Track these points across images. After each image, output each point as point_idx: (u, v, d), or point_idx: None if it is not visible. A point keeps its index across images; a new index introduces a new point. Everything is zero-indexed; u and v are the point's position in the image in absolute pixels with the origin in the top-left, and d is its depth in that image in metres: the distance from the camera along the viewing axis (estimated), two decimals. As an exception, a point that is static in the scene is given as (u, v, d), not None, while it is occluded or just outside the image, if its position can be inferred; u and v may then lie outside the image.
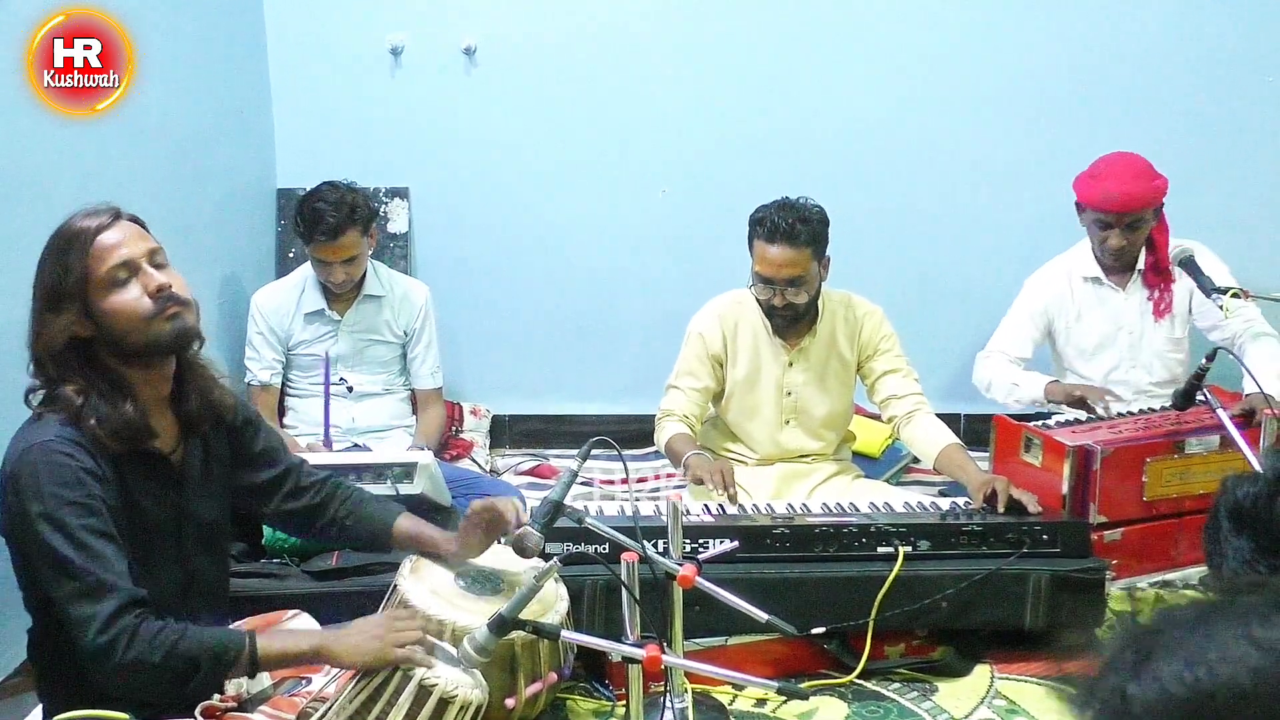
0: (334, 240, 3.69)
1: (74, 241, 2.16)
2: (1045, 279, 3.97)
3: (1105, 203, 3.71)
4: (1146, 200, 3.70)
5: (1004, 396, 3.87)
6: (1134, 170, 3.72)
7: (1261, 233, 4.50)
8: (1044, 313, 3.95)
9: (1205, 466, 3.34)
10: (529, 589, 2.17)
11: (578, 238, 4.66)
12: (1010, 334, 3.96)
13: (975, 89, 4.51)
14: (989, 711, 2.89)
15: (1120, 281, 3.89)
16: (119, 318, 2.16)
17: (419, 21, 4.49)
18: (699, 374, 3.55)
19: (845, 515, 3.16)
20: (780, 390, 3.55)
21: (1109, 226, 3.74)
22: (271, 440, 2.55)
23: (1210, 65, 4.46)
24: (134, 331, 2.16)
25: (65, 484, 2.06)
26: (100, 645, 2.01)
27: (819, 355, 3.54)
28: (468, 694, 2.17)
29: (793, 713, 2.86)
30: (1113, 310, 3.91)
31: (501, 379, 4.75)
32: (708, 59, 4.52)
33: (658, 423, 3.59)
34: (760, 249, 3.37)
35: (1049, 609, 3.00)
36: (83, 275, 2.14)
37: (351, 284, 3.85)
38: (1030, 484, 3.26)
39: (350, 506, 2.59)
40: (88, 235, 2.16)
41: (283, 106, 4.53)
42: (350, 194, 3.74)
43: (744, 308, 3.55)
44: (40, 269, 2.19)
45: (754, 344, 3.54)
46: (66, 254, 2.15)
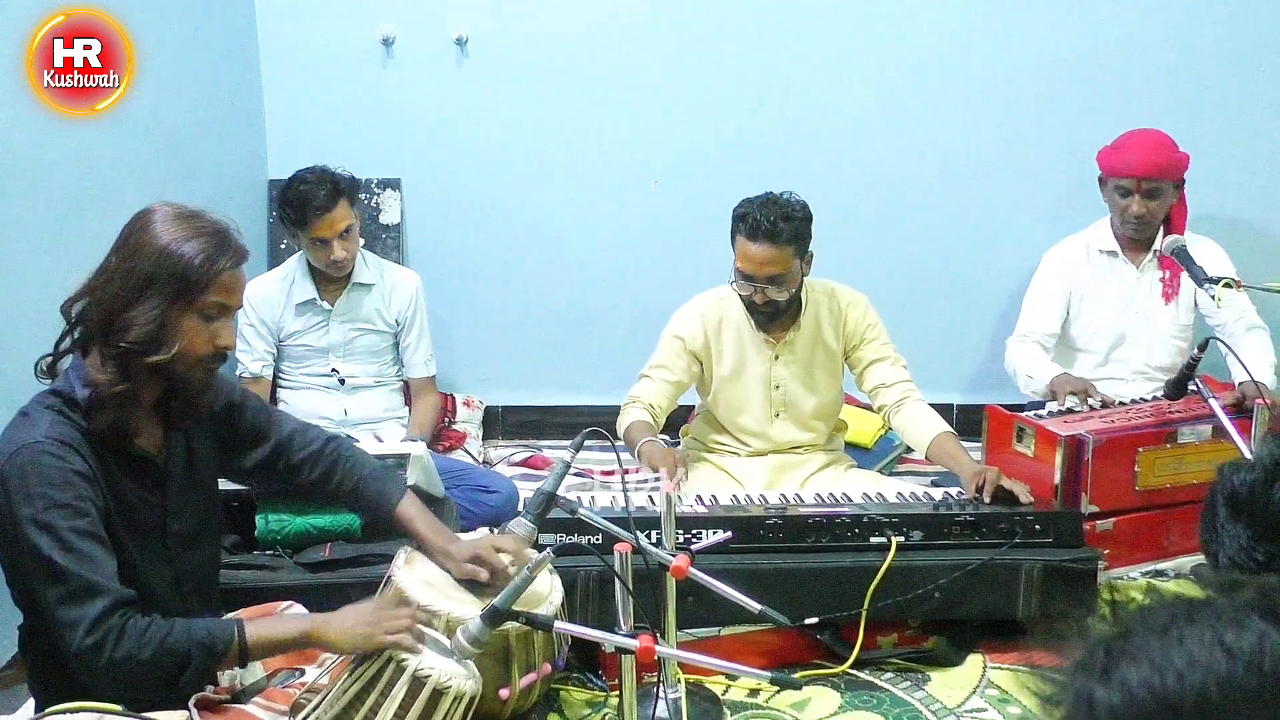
0: (329, 213, 3.67)
1: (224, 249, 2.16)
2: (1063, 252, 4.03)
3: (1126, 167, 3.80)
4: (1165, 168, 3.79)
5: (1023, 386, 3.91)
6: (1155, 140, 3.85)
7: (1256, 224, 4.51)
8: (1065, 286, 3.99)
9: (1198, 456, 3.35)
10: (522, 580, 2.17)
11: (570, 229, 4.65)
12: (1036, 312, 4.00)
13: (967, 81, 4.51)
14: (981, 701, 2.90)
15: (1135, 259, 3.92)
16: (182, 340, 2.14)
17: (410, 12, 4.48)
18: (673, 367, 3.54)
19: (838, 506, 3.16)
20: (768, 384, 3.55)
21: (1129, 193, 3.81)
22: (259, 418, 2.52)
23: (1205, 56, 4.45)
24: (178, 360, 2.15)
25: (54, 485, 2.05)
26: (88, 647, 2.01)
27: (804, 347, 3.54)
28: (461, 685, 2.17)
29: (786, 703, 2.87)
30: (1125, 286, 3.94)
31: (494, 371, 4.75)
32: (699, 50, 4.51)
33: (623, 408, 3.57)
34: (742, 245, 3.34)
35: (1041, 599, 3.01)
36: (203, 286, 2.13)
37: (351, 262, 3.82)
38: (1023, 474, 3.27)
39: (351, 484, 2.57)
40: (233, 256, 2.17)
41: (274, 98, 4.52)
42: (327, 172, 3.73)
43: (727, 304, 3.54)
44: (157, 255, 2.12)
45: (738, 340, 3.53)
46: (190, 262, 2.12)
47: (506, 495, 3.64)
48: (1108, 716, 0.86)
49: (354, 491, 2.58)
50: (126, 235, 2.17)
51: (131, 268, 2.12)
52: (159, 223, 2.14)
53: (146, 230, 2.14)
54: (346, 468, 2.59)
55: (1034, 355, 3.91)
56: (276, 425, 2.55)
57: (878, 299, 3.63)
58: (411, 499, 2.62)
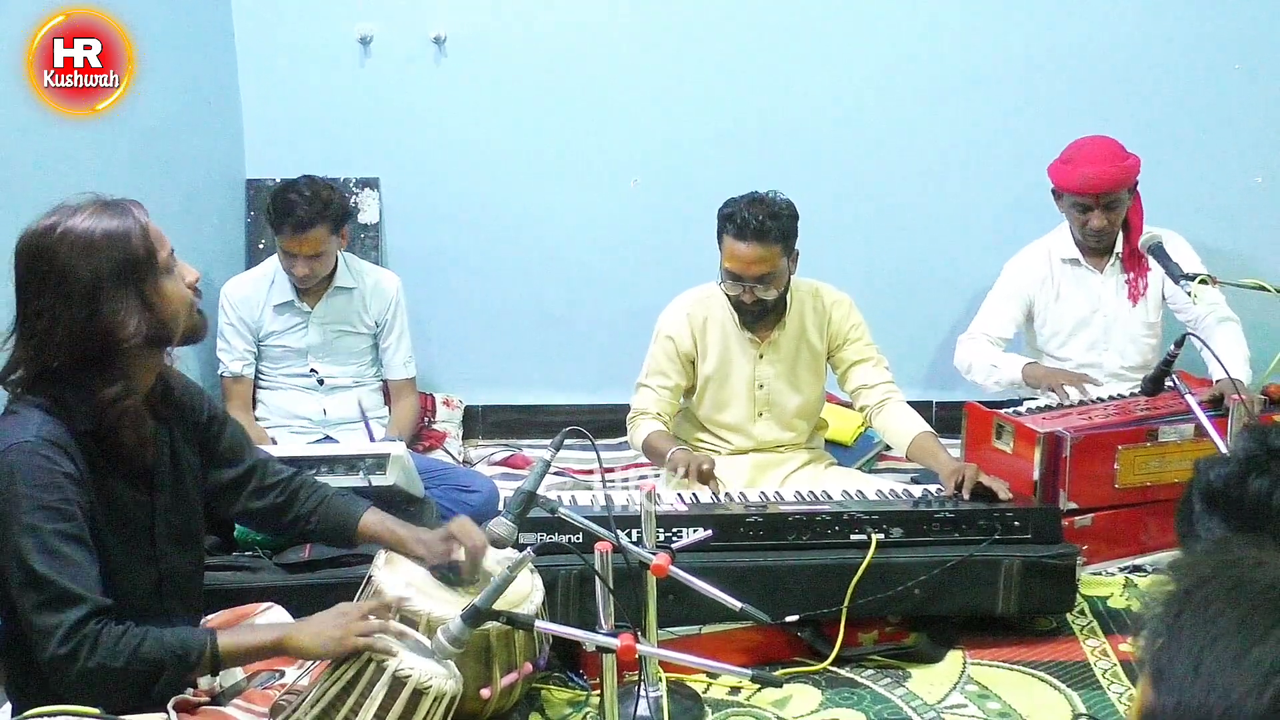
0: (301, 234, 3.65)
1: (123, 211, 2.13)
2: (1025, 261, 4.03)
3: (1083, 185, 3.80)
4: (1121, 180, 3.80)
5: (984, 378, 3.92)
6: (1107, 152, 3.83)
7: (1227, 220, 4.53)
8: (1025, 294, 4.00)
9: (1180, 455, 3.37)
10: (503, 579, 2.16)
11: (549, 228, 4.64)
12: (991, 315, 4.01)
13: (947, 78, 4.52)
14: (961, 697, 2.91)
15: (1098, 264, 3.95)
16: (171, 303, 2.16)
17: (388, 11, 4.46)
18: (669, 372, 3.54)
19: (818, 503, 3.17)
20: (752, 384, 3.55)
21: (1088, 209, 3.83)
22: (235, 438, 2.51)
23: (1179, 54, 4.48)
24: (178, 318, 2.17)
25: (41, 487, 2.03)
26: (62, 655, 2.00)
27: (789, 347, 3.54)
28: (442, 685, 2.16)
29: (767, 700, 2.87)
30: (1090, 292, 3.96)
31: (474, 370, 4.74)
32: (677, 50, 4.51)
33: (630, 421, 3.58)
34: (730, 245, 3.33)
35: (1020, 594, 3.03)
36: (149, 250, 2.12)
37: (314, 280, 3.80)
38: (1002, 471, 3.29)
39: (314, 504, 2.55)
40: (143, 221, 2.14)
41: (251, 97, 4.49)
42: (326, 190, 3.71)
43: (712, 303, 3.54)
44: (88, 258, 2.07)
45: (723, 339, 3.53)
46: (128, 239, 2.10)
47: (487, 495, 3.63)
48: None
49: (317, 511, 2.55)
50: (35, 274, 2.09)
51: (69, 292, 2.07)
52: (56, 238, 2.09)
53: (53, 252, 2.08)
54: (311, 489, 2.58)
55: (990, 349, 3.94)
56: (250, 450, 2.55)
57: (855, 297, 3.64)
58: (374, 510, 2.60)
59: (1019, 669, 3.01)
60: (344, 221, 3.80)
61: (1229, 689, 0.86)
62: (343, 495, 2.63)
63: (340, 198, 3.80)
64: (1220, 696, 0.86)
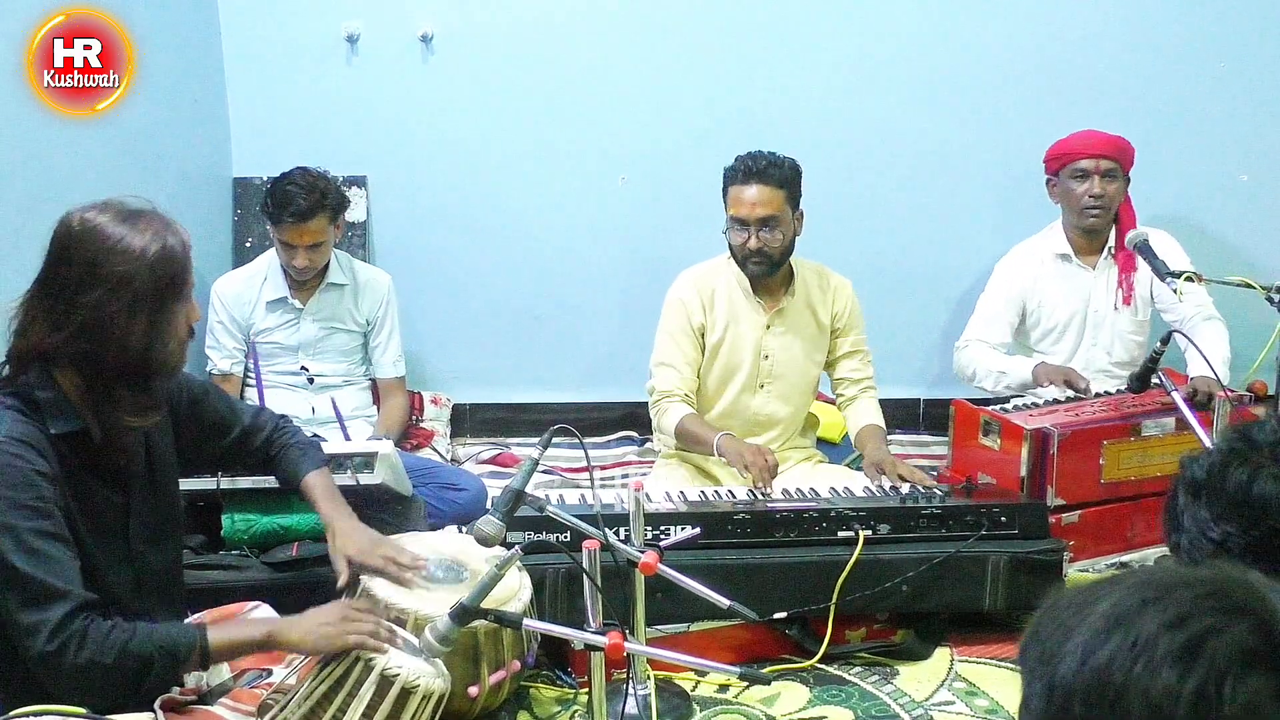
0: (302, 223, 3.67)
1: (173, 228, 2.15)
2: (1016, 261, 4.03)
3: (1084, 148, 3.83)
4: (1119, 147, 3.85)
5: (991, 385, 3.90)
6: (1102, 132, 3.91)
7: (1213, 218, 4.55)
8: (1018, 295, 4.00)
9: (1162, 449, 3.38)
10: (490, 577, 2.16)
11: (537, 225, 4.64)
12: (987, 320, 4.00)
13: (936, 75, 4.52)
14: (949, 694, 2.91)
15: (1090, 261, 3.94)
16: (171, 329, 2.15)
17: (375, 8, 4.45)
18: (685, 347, 3.55)
19: (806, 500, 3.18)
20: (758, 354, 3.57)
21: (1087, 176, 3.83)
22: (219, 408, 2.56)
23: (1167, 53, 4.49)
24: (166, 349, 2.15)
25: (15, 486, 2.02)
26: (51, 652, 1.99)
27: (796, 318, 3.58)
28: (430, 683, 2.16)
29: (755, 698, 2.87)
30: (1081, 288, 3.97)
31: (462, 368, 4.73)
32: (665, 46, 4.50)
33: (655, 406, 3.58)
34: (734, 192, 3.44)
35: (1008, 590, 3.04)
36: (187, 272, 2.16)
37: (313, 271, 3.82)
38: (989, 467, 3.30)
39: (278, 447, 2.63)
40: (187, 243, 2.17)
41: (238, 95, 4.48)
42: (323, 180, 3.74)
43: (719, 274, 3.58)
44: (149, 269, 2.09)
45: (730, 308, 3.56)
46: (181, 242, 2.14)
47: (474, 493, 3.63)
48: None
49: (278, 455, 2.63)
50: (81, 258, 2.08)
51: (113, 286, 2.07)
52: (111, 234, 2.09)
53: (103, 245, 2.08)
54: (280, 436, 2.65)
55: (991, 355, 3.94)
56: (236, 414, 2.60)
57: (849, 296, 3.67)
58: (324, 474, 2.64)
59: (1007, 666, 3.01)
60: (341, 210, 3.84)
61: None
62: (308, 444, 2.69)
63: (336, 187, 3.84)
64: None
